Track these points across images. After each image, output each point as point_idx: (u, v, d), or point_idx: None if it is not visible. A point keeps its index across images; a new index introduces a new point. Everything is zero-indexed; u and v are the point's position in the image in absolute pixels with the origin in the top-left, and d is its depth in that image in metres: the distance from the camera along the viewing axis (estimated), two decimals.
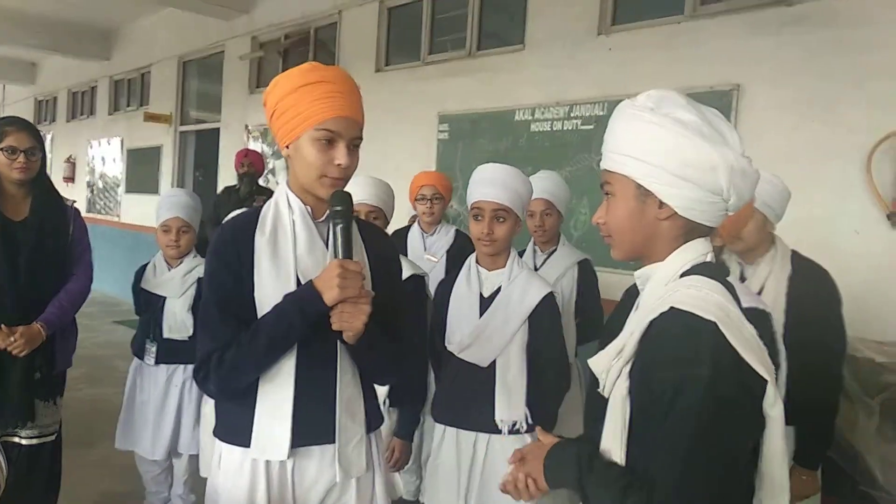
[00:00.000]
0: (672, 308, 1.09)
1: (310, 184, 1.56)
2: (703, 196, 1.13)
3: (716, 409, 1.03)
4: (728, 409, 1.04)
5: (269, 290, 1.54)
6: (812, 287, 2.26)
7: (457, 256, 3.36)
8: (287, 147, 1.57)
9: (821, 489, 2.36)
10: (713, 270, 1.16)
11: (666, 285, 1.15)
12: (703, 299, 1.08)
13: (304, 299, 1.50)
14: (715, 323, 1.05)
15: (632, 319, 1.20)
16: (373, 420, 1.69)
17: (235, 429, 1.60)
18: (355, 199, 2.52)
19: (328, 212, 1.58)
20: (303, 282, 1.55)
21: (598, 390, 1.20)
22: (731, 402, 1.04)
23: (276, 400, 1.55)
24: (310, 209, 1.61)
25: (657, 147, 1.13)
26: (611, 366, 1.16)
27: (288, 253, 1.57)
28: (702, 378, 1.03)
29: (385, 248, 1.77)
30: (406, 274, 2.42)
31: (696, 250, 1.17)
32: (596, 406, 1.20)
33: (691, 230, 1.17)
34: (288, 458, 1.55)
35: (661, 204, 1.16)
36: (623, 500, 1.09)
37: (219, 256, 1.58)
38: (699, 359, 1.04)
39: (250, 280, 1.55)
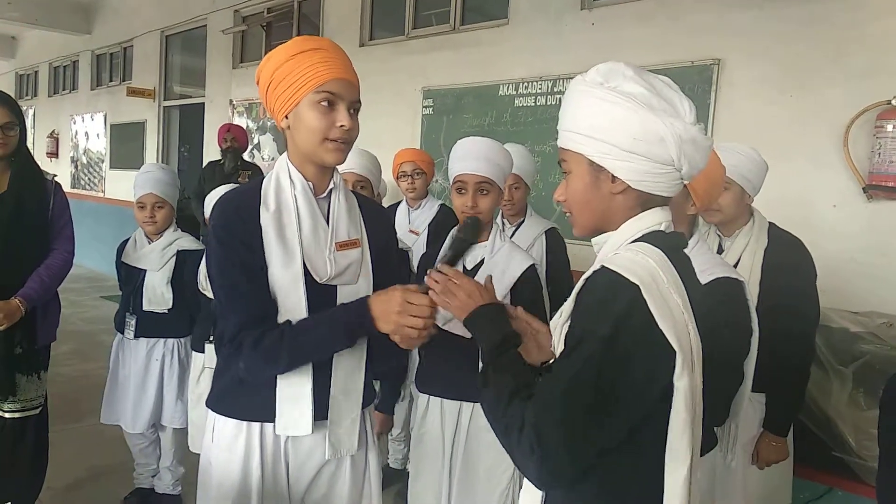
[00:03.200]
0: (602, 266, 1.12)
1: (312, 150, 1.52)
2: (654, 168, 1.14)
3: (604, 364, 1.06)
4: (618, 368, 1.06)
5: (278, 270, 1.51)
6: (787, 258, 2.30)
7: (438, 230, 3.39)
8: (286, 118, 1.53)
9: (794, 456, 2.42)
10: (663, 240, 1.17)
11: (615, 250, 1.18)
12: (635, 262, 1.11)
13: (356, 319, 1.47)
14: (637, 286, 1.07)
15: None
16: (367, 397, 1.69)
17: (234, 402, 1.61)
18: (343, 168, 2.55)
19: (332, 184, 1.60)
20: (306, 262, 1.53)
21: (551, 349, 1.24)
22: (623, 363, 1.06)
23: (298, 382, 1.54)
24: (311, 184, 1.58)
25: (605, 122, 1.14)
26: (556, 324, 1.20)
27: (293, 231, 1.54)
28: (602, 334, 1.06)
29: (384, 224, 1.77)
30: None
31: (650, 220, 1.19)
32: None
33: (647, 201, 1.19)
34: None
35: (614, 178, 1.17)
36: (508, 402, 1.14)
37: (232, 232, 1.52)
38: (606, 315, 1.07)
39: (262, 254, 1.52)
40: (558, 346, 1.18)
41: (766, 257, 2.29)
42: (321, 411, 1.58)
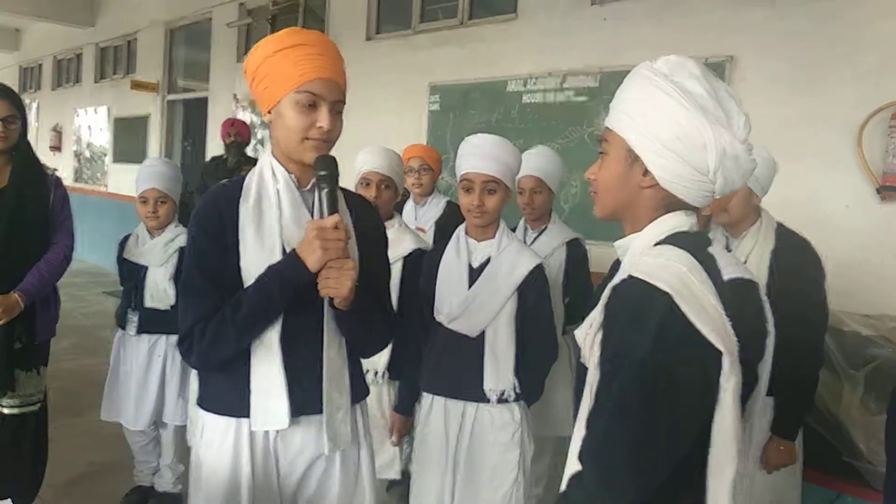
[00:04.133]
0: (630, 276, 1.08)
1: (292, 149, 1.53)
2: (689, 172, 1.11)
3: (654, 379, 1.02)
4: (669, 379, 1.03)
5: (254, 261, 1.51)
6: (795, 259, 2.26)
7: (445, 227, 3.35)
8: (269, 112, 1.53)
9: (804, 460, 2.38)
10: (687, 241, 1.14)
11: (640, 254, 1.14)
12: (663, 268, 1.07)
13: (285, 268, 1.48)
14: (668, 293, 1.03)
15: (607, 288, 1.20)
16: (357, 392, 1.68)
17: (220, 399, 1.60)
18: (368, 168, 2.53)
19: (313, 179, 1.56)
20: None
21: (581, 360, 1.21)
22: (673, 372, 1.03)
23: (268, 372, 1.53)
24: (294, 178, 1.58)
25: (656, 113, 1.11)
26: (586, 335, 1.16)
27: (273, 223, 1.54)
28: (638, 355, 1.02)
29: (371, 218, 1.75)
30: (411, 248, 2.44)
31: (675, 222, 1.16)
32: (582, 376, 1.20)
33: (672, 204, 1.16)
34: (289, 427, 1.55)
35: (646, 171, 1.14)
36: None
37: (201, 226, 1.55)
38: (642, 333, 1.03)
39: (235, 250, 1.52)
40: (590, 358, 1.14)
41: (774, 259, 2.26)
42: (314, 406, 1.56)
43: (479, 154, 2.14)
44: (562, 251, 2.89)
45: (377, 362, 2.47)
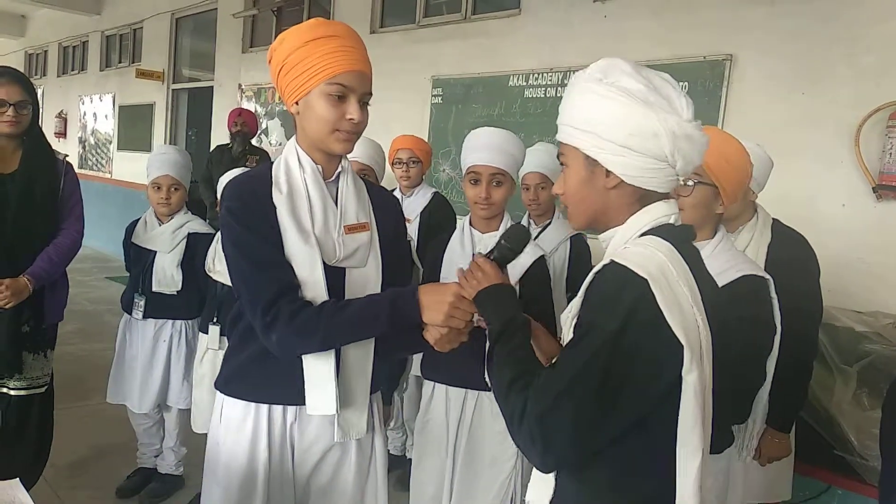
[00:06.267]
0: (612, 261, 1.13)
1: (321, 139, 1.53)
2: (648, 163, 1.15)
3: (610, 359, 1.07)
4: (625, 363, 1.07)
5: (295, 249, 1.50)
6: (789, 255, 2.29)
7: (430, 218, 3.38)
8: (296, 104, 1.53)
9: (796, 454, 2.42)
10: (671, 233, 1.18)
11: (623, 244, 1.18)
12: (644, 256, 1.11)
13: (404, 305, 1.46)
14: (646, 280, 1.07)
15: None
16: (374, 383, 1.68)
17: (244, 384, 1.62)
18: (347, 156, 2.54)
19: (340, 167, 1.60)
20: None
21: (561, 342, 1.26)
22: (630, 356, 1.07)
23: (324, 362, 1.52)
24: (320, 168, 1.59)
25: (601, 117, 1.16)
26: (566, 317, 1.22)
27: (305, 212, 1.54)
28: (609, 328, 1.07)
29: (393, 209, 1.76)
30: None
31: (657, 212, 1.20)
32: None
33: (644, 196, 1.20)
34: (294, 413, 1.60)
35: (608, 173, 1.18)
36: (508, 388, 1.16)
37: (248, 209, 1.51)
38: (615, 310, 1.07)
39: (279, 236, 1.51)
40: (566, 338, 1.19)
41: (770, 253, 2.29)
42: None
43: (486, 147, 2.17)
44: (565, 246, 2.92)
45: None
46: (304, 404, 1.56)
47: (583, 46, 4.38)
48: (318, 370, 1.53)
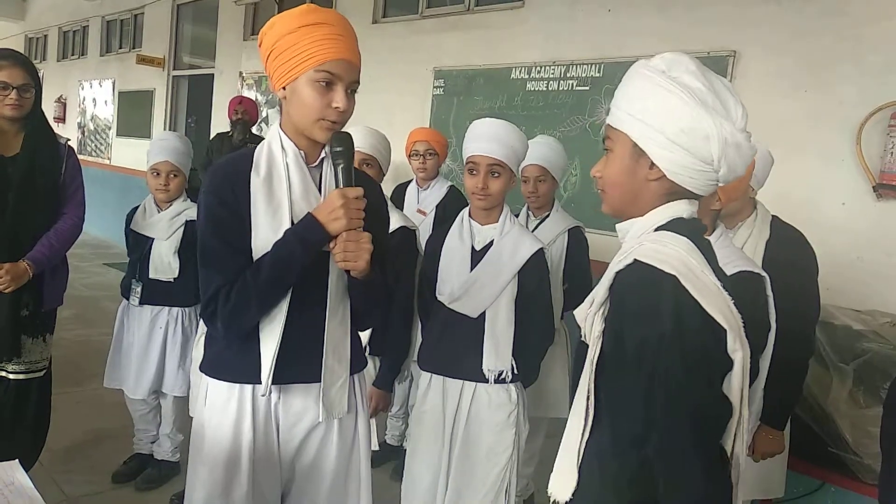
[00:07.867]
0: (636, 261, 1.13)
1: (306, 126, 1.55)
2: (694, 163, 1.16)
3: (684, 361, 1.08)
4: (695, 358, 1.09)
5: (266, 233, 1.54)
6: (788, 251, 2.30)
7: (446, 211, 3.39)
8: (283, 88, 1.55)
9: (791, 450, 2.43)
10: (685, 227, 1.19)
11: (640, 238, 1.19)
12: (665, 253, 1.12)
13: (305, 230, 1.51)
14: (675, 276, 1.09)
15: (608, 270, 1.24)
16: (357, 362, 1.72)
17: (224, 365, 1.64)
18: None
19: (324, 153, 1.59)
20: None
21: (581, 339, 1.25)
22: (697, 352, 1.09)
23: (269, 339, 1.57)
24: (303, 153, 1.60)
25: (657, 109, 1.16)
26: (587, 314, 1.22)
27: (283, 196, 1.56)
28: (666, 334, 1.07)
29: (375, 196, 1.77)
30: (395, 226, 2.43)
31: (676, 209, 1.20)
32: (581, 356, 1.25)
33: (675, 193, 1.21)
34: (278, 392, 1.61)
35: (652, 165, 1.19)
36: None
37: (216, 194, 1.55)
38: (662, 314, 1.08)
39: (248, 221, 1.54)
40: (590, 335, 1.19)
41: (768, 250, 2.29)
42: (314, 374, 1.60)
43: (485, 137, 2.17)
44: (563, 239, 2.93)
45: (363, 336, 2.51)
46: (285, 382, 1.60)
47: (586, 40, 4.38)
48: (265, 346, 1.57)
